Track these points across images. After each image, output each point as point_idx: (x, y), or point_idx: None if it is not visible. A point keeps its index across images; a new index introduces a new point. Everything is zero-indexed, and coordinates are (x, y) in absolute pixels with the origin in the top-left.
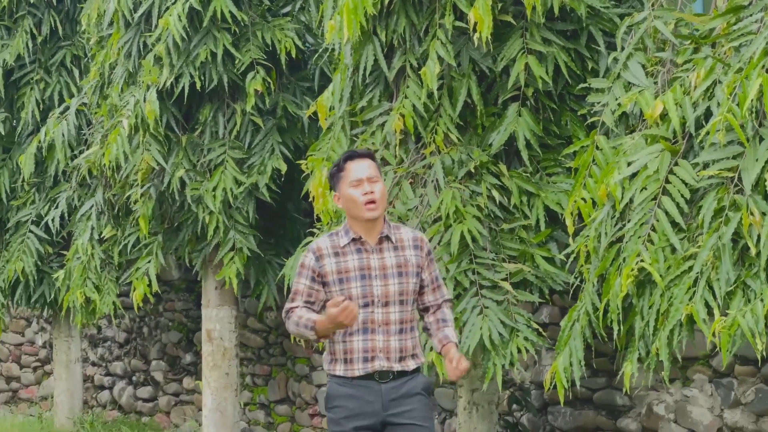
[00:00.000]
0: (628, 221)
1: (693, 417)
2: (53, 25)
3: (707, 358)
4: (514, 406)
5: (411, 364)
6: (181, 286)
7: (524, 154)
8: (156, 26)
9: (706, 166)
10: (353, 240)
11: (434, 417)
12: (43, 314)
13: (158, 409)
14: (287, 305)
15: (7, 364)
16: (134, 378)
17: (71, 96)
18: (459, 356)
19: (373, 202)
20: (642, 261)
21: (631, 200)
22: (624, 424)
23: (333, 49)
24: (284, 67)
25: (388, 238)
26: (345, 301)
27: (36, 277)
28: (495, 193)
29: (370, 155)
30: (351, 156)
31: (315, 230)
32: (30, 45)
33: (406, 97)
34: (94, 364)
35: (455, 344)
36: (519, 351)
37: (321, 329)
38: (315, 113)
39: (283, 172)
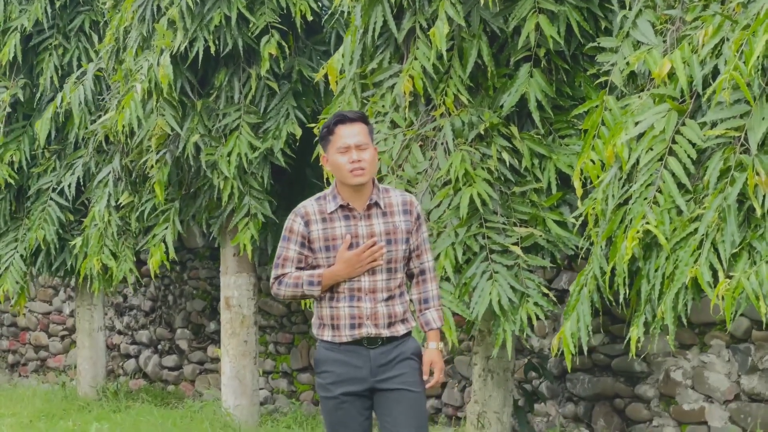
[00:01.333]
0: (635, 183)
1: (710, 383)
2: None
3: (724, 323)
4: (532, 373)
5: (401, 329)
6: (206, 253)
7: (536, 116)
8: None
9: (713, 125)
10: (341, 206)
11: (424, 382)
12: (70, 282)
13: (183, 378)
14: (276, 272)
15: (36, 333)
16: (160, 346)
17: (90, 62)
18: (432, 362)
19: (360, 168)
20: (647, 223)
21: (637, 161)
22: (642, 390)
23: (348, 12)
24: (300, 30)
25: (377, 204)
26: (372, 239)
27: (57, 245)
28: (505, 156)
29: (362, 118)
30: (341, 119)
31: None
32: (48, 10)
33: (415, 58)
34: (120, 332)
35: (436, 331)
36: (529, 317)
37: (329, 280)
38: (327, 76)
39: (297, 137)
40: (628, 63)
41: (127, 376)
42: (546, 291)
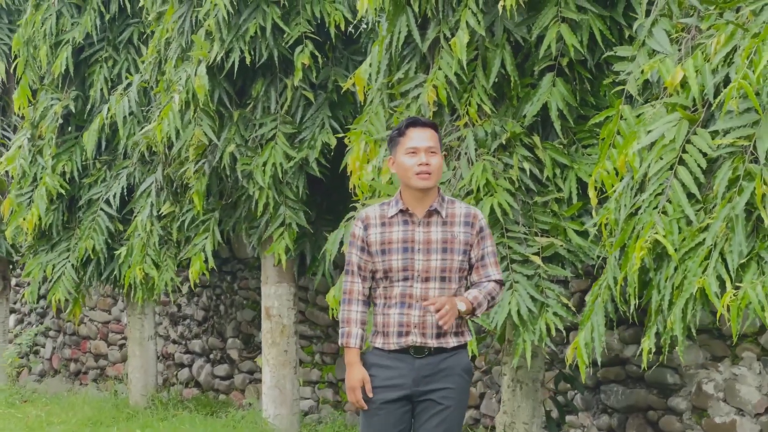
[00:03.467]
0: (645, 192)
1: (741, 396)
2: (121, 3)
3: (756, 336)
4: (567, 385)
5: (451, 341)
6: (255, 264)
7: (557, 125)
8: (205, 0)
9: (725, 134)
10: (401, 211)
11: (467, 399)
12: (121, 292)
13: (234, 387)
14: (346, 277)
15: (95, 342)
16: (212, 356)
17: (138, 73)
18: (442, 301)
19: (427, 173)
20: (656, 233)
21: (648, 170)
22: (675, 402)
23: (376, 22)
24: (334, 40)
25: (437, 212)
26: (362, 401)
27: (106, 255)
28: (527, 166)
29: (433, 126)
30: (414, 122)
31: (357, 205)
32: (98, 23)
33: (439, 68)
34: (174, 341)
35: (465, 300)
36: (548, 327)
37: (345, 355)
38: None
39: (332, 147)
40: (642, 72)
41: (181, 384)
42: (566, 301)
